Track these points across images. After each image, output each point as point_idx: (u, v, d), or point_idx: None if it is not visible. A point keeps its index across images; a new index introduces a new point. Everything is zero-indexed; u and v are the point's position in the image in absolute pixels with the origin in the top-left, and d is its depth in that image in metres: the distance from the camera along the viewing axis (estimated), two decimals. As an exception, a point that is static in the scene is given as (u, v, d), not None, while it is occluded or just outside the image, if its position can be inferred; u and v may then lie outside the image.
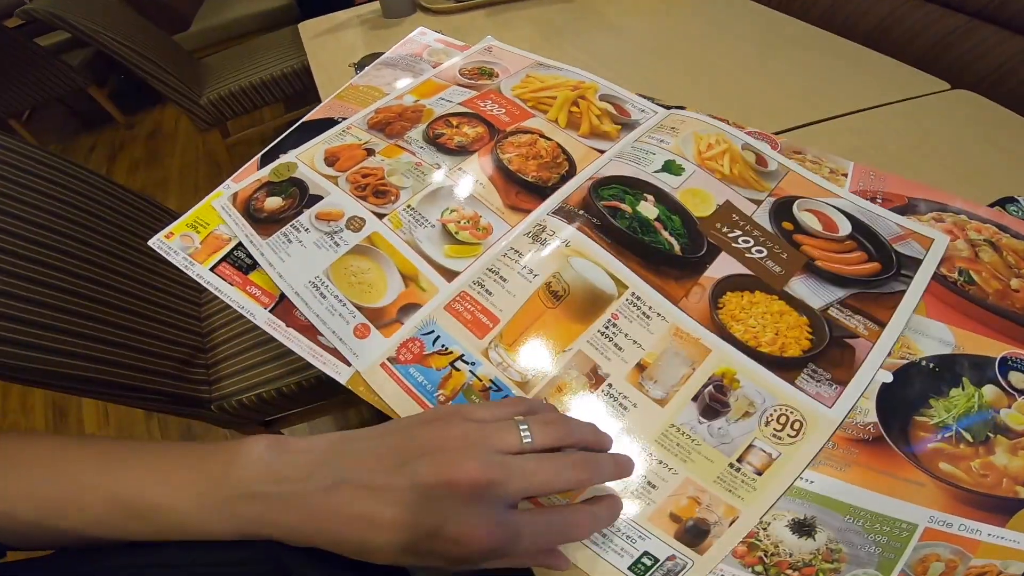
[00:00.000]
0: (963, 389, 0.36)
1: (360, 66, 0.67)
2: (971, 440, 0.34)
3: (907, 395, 0.36)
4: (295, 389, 0.76)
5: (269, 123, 1.88)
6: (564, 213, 0.39)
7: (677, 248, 0.37)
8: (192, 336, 0.80)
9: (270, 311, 0.38)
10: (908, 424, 0.35)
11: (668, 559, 0.29)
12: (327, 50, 0.78)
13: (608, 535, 0.29)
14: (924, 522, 0.32)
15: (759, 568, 0.30)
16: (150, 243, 0.40)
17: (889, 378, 0.36)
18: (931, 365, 0.37)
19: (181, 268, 0.39)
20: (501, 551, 0.24)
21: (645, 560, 0.29)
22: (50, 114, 2.52)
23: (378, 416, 0.32)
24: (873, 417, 0.34)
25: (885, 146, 0.51)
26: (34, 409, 1.37)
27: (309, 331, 0.36)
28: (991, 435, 0.34)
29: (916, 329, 0.38)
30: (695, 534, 0.29)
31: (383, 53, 0.63)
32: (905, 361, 0.37)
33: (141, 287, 0.74)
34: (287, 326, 0.37)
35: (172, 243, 0.41)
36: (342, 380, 0.35)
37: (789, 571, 0.30)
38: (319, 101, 0.56)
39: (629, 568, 0.29)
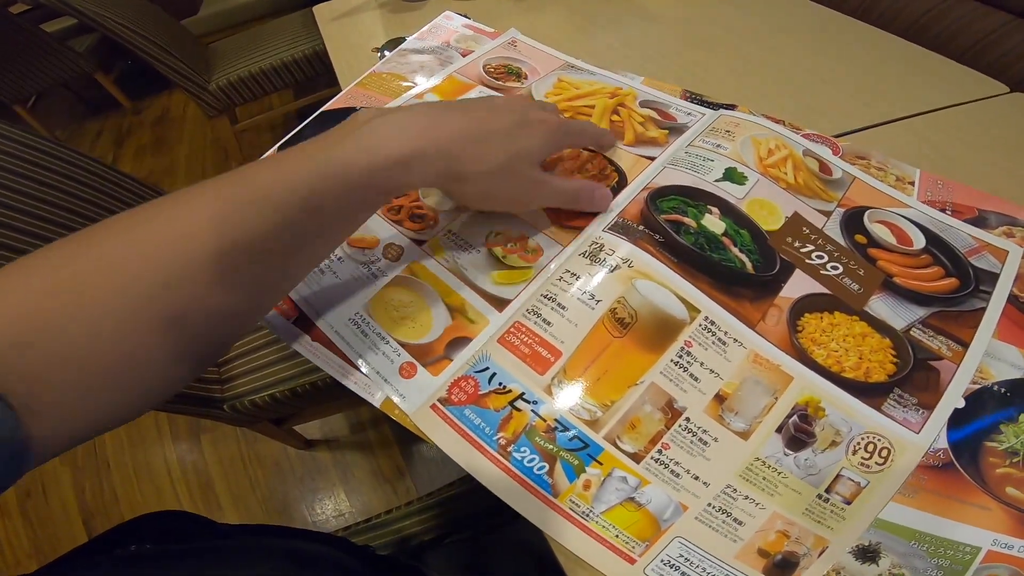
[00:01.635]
0: None
1: (383, 51, 0.64)
2: None
3: (979, 418, 0.34)
4: (309, 389, 0.75)
5: (278, 110, 1.83)
6: (621, 228, 0.36)
7: (749, 266, 0.34)
8: (205, 335, 0.77)
9: (293, 322, 0.35)
10: (979, 450, 0.33)
11: None
12: (345, 34, 0.74)
13: (692, 575, 0.27)
14: (987, 545, 0.30)
15: None
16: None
17: (962, 403, 0.33)
18: (1003, 390, 0.35)
19: None
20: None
21: None
22: (56, 100, 2.48)
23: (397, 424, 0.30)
24: (944, 443, 0.32)
25: (948, 152, 0.48)
26: None
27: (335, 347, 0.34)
28: None
29: (987, 352, 0.35)
30: (784, 567, 0.28)
31: (407, 37, 0.59)
32: (977, 386, 0.34)
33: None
34: (312, 340, 0.35)
35: None
36: (376, 403, 0.33)
37: None
38: (330, 87, 0.53)
39: None
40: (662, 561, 0.28)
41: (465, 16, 0.62)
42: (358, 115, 0.30)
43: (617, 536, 0.28)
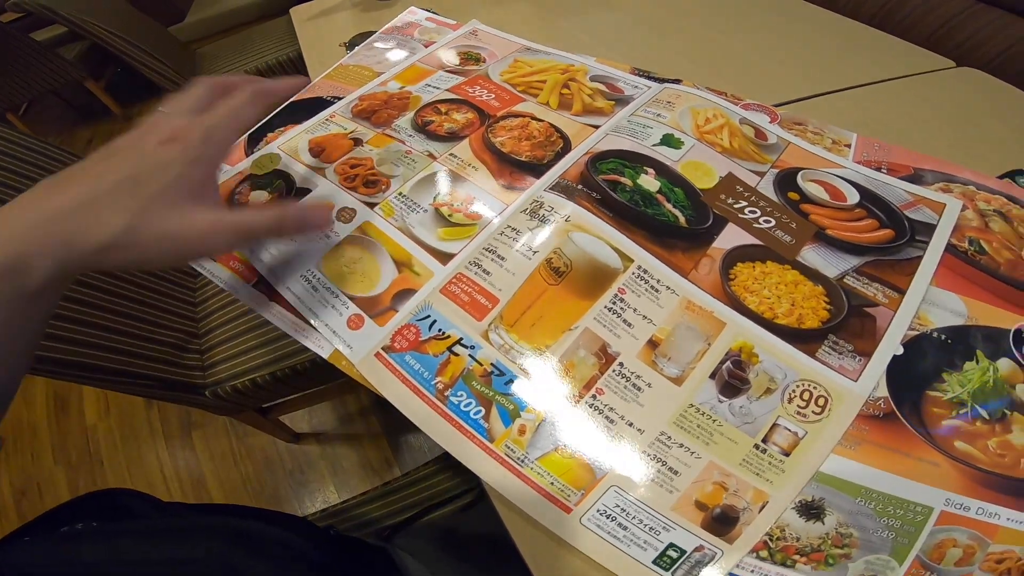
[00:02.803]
0: (977, 363, 0.34)
1: (351, 45, 0.66)
2: (987, 417, 0.32)
3: (919, 369, 0.34)
4: (288, 373, 0.76)
5: (265, 113, 1.85)
6: (561, 188, 0.38)
7: (682, 220, 0.36)
8: (186, 321, 0.79)
9: (253, 286, 0.37)
10: (920, 399, 0.33)
11: (696, 550, 0.27)
12: (318, 33, 0.76)
13: (629, 528, 0.28)
14: (940, 505, 0.30)
15: (764, 553, 0.28)
16: None
17: (900, 350, 0.34)
18: (943, 337, 0.35)
19: None
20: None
21: (671, 552, 0.27)
22: (47, 107, 2.50)
23: (377, 403, 0.31)
24: (884, 391, 0.33)
25: (889, 121, 0.50)
26: (35, 401, 1.37)
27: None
28: (1008, 412, 0.32)
29: (927, 300, 0.36)
30: (723, 522, 0.28)
31: (375, 32, 0.61)
32: (916, 333, 0.35)
33: (132, 273, 0.73)
34: (270, 300, 0.36)
35: None
36: (324, 355, 0.34)
37: (796, 556, 0.28)
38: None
39: (654, 562, 0.27)
40: (598, 511, 0.28)
41: (430, 11, 0.64)
42: None
43: (552, 484, 0.29)
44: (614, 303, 0.32)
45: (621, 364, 0.31)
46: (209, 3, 2.17)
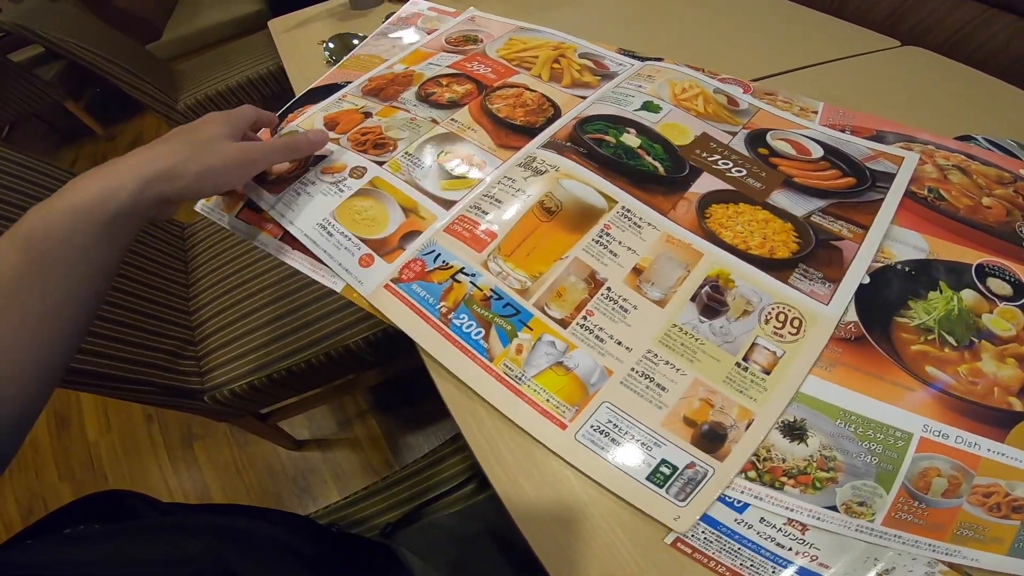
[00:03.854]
0: (941, 292, 0.36)
1: (328, 44, 0.69)
2: (955, 344, 0.34)
3: (886, 296, 0.36)
4: (285, 375, 0.76)
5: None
6: (552, 146, 0.41)
7: (661, 170, 0.39)
8: (180, 329, 0.79)
9: (279, 239, 0.41)
10: (889, 324, 0.35)
11: (688, 467, 0.29)
12: (297, 42, 0.78)
13: (623, 444, 0.30)
14: (919, 431, 0.31)
15: (752, 474, 0.30)
16: (196, 208, 0.46)
17: (867, 280, 0.36)
18: (907, 268, 0.38)
19: (216, 221, 0.46)
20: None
21: (664, 469, 0.29)
22: (29, 130, 2.46)
23: (375, 405, 0.33)
24: (854, 316, 0.35)
25: (848, 95, 0.54)
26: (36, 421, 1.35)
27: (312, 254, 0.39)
28: (975, 340, 0.34)
29: (889, 236, 0.39)
30: (712, 439, 0.30)
31: (352, 33, 0.65)
32: (880, 264, 0.37)
33: (126, 282, 0.73)
34: (292, 249, 0.40)
35: (211, 204, 0.46)
36: (337, 289, 0.37)
37: (784, 478, 0.30)
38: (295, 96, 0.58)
39: (648, 478, 0.29)
40: (592, 427, 0.30)
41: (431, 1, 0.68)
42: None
43: (548, 400, 0.31)
44: (600, 236, 0.35)
45: (608, 288, 0.34)
46: (185, 21, 2.19)
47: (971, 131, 0.49)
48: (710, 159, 0.41)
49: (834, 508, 0.29)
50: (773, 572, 0.28)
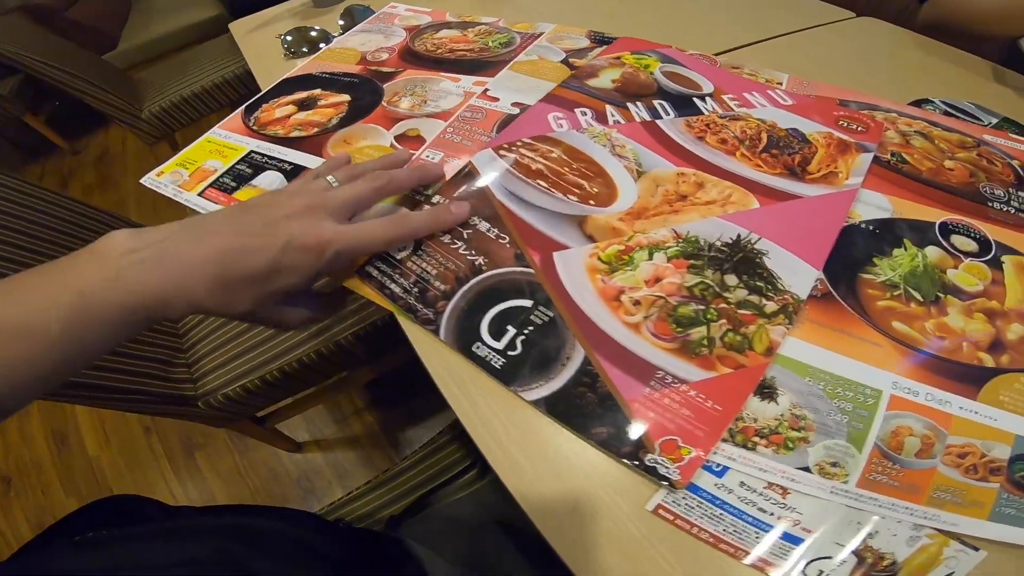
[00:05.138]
0: (906, 249, 0.37)
1: (285, 37, 0.69)
2: (921, 299, 0.35)
3: (851, 254, 0.37)
4: (279, 376, 0.76)
5: (218, 131, 1.82)
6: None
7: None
8: (168, 337, 0.79)
9: None
10: (855, 281, 0.36)
11: None
12: (261, 43, 0.77)
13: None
14: (888, 389, 0.32)
15: (725, 435, 0.31)
16: (142, 180, 0.43)
17: None
18: (871, 228, 0.39)
19: (171, 196, 0.44)
20: (341, 244, 0.32)
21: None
22: (-9, 148, 2.40)
23: (372, 401, 0.32)
24: (820, 274, 0.36)
25: (809, 66, 0.55)
26: (35, 439, 1.34)
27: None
28: (941, 295, 0.35)
29: (856, 198, 0.40)
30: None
31: (309, 26, 0.68)
32: (846, 224, 0.38)
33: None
34: None
35: (163, 179, 0.45)
36: None
37: (756, 438, 0.30)
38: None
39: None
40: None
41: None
42: (112, 243, 0.28)
43: None
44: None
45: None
46: (140, 29, 2.12)
47: (928, 96, 0.50)
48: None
49: (807, 469, 0.30)
50: (756, 537, 0.29)
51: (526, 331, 0.34)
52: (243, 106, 0.54)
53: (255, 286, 0.30)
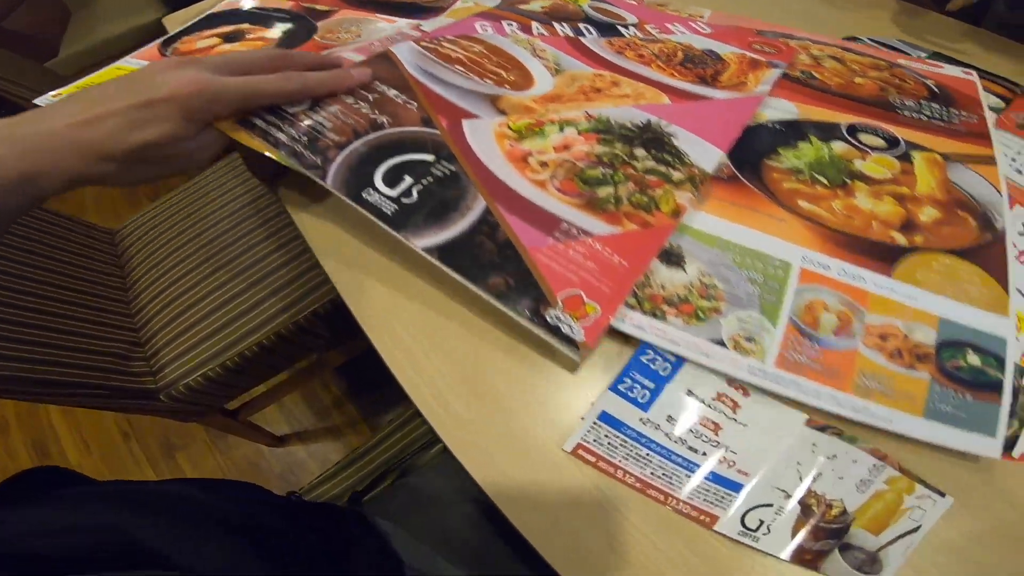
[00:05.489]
0: (811, 143, 0.38)
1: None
2: (827, 183, 0.36)
3: (755, 144, 0.38)
4: (240, 362, 0.75)
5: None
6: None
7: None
8: (124, 332, 0.78)
9: None
10: (760, 166, 0.36)
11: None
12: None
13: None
14: (798, 261, 0.31)
15: (631, 300, 0.30)
16: (36, 100, 0.39)
17: (739, 134, 0.38)
18: (777, 126, 0.39)
19: None
20: (208, 92, 0.30)
21: None
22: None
23: (351, 391, 0.30)
24: (725, 160, 0.37)
25: (732, 6, 0.55)
26: (17, 452, 1.31)
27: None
28: (848, 180, 0.36)
29: (763, 104, 0.40)
30: None
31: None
32: (752, 124, 0.39)
33: (61, 291, 0.72)
34: None
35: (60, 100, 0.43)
36: None
37: (665, 306, 0.30)
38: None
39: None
40: None
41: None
42: None
43: None
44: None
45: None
46: (81, 36, 2.06)
47: (858, 34, 0.51)
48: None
49: (722, 343, 0.29)
50: (688, 480, 0.27)
51: (424, 181, 0.32)
52: (161, 39, 0.51)
53: (126, 135, 0.29)
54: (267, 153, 0.33)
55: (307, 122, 0.34)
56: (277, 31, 0.50)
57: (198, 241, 0.83)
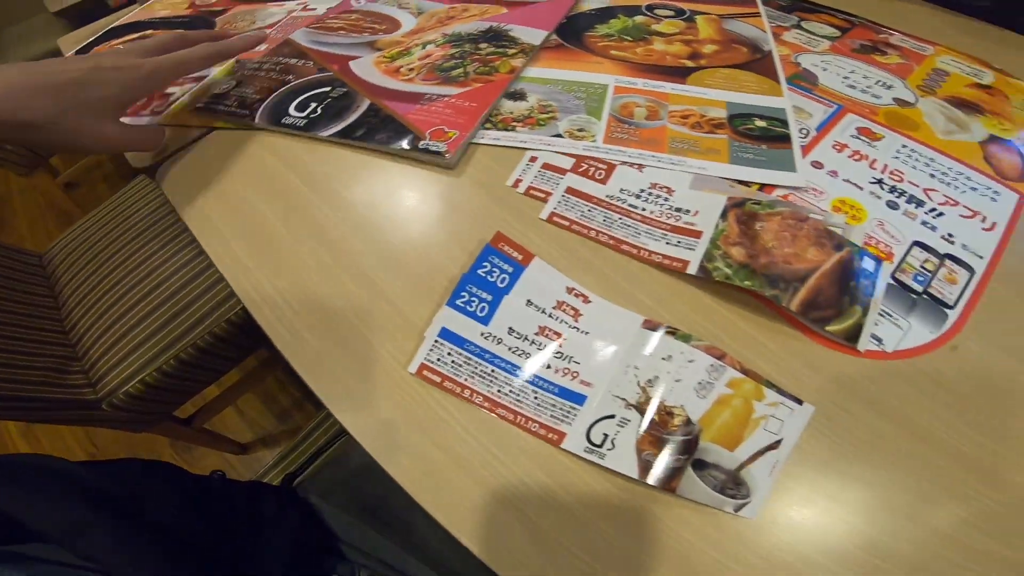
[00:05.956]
0: (619, 18, 0.49)
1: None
2: (631, 40, 0.46)
3: (576, 25, 0.49)
4: (177, 365, 0.76)
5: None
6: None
7: None
8: (59, 347, 0.78)
9: None
10: (581, 37, 0.47)
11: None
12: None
13: None
14: (612, 83, 0.41)
15: (488, 125, 0.40)
16: None
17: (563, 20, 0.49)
18: (593, 11, 0.50)
19: None
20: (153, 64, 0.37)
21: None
22: None
23: (310, 393, 0.30)
24: (554, 37, 0.47)
25: None
26: None
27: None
28: (647, 36, 0.47)
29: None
30: None
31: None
32: (571, 12, 0.50)
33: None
34: None
35: None
36: None
37: (514, 123, 0.39)
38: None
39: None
40: None
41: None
42: None
43: None
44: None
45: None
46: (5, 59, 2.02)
47: None
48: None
49: (559, 136, 0.38)
50: (535, 397, 0.26)
51: (325, 102, 0.43)
52: (71, 52, 0.57)
53: (66, 88, 0.33)
54: (207, 124, 0.45)
55: (235, 94, 0.46)
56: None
57: (122, 254, 0.84)
